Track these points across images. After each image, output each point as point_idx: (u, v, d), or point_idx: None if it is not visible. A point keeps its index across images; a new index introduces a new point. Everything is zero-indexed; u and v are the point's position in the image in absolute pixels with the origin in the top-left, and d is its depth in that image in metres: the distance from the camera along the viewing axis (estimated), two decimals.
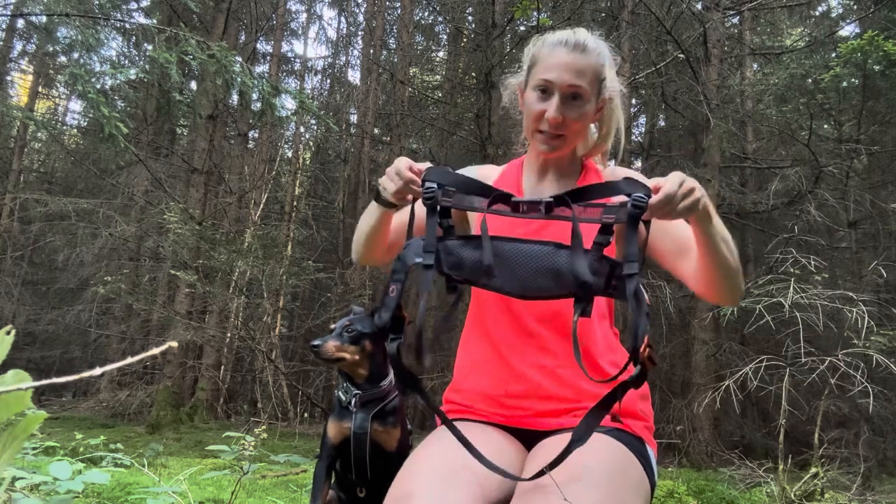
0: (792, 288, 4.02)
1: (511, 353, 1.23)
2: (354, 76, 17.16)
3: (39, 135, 15.57)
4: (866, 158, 8.91)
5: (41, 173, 16.82)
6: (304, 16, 16.59)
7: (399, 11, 12.91)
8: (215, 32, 9.57)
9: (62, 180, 16.08)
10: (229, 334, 9.60)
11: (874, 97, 7.69)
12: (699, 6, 8.77)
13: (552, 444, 1.09)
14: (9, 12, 8.70)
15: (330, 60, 16.77)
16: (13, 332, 0.58)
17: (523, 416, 1.21)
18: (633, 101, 10.67)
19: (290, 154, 15.00)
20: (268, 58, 14.57)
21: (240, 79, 5.94)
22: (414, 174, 1.11)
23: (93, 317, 11.15)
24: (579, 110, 1.24)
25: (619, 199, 1.04)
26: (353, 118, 14.83)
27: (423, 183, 1.10)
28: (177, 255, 8.91)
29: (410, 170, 1.12)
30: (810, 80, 8.03)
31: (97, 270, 10.96)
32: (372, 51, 13.37)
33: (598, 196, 1.12)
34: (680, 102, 9.91)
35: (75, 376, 0.54)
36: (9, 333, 0.58)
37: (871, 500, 4.06)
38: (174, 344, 0.57)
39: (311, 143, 15.70)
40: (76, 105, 17.76)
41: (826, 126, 9.78)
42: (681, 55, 8.13)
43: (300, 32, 16.61)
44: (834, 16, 11.63)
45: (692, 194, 1.01)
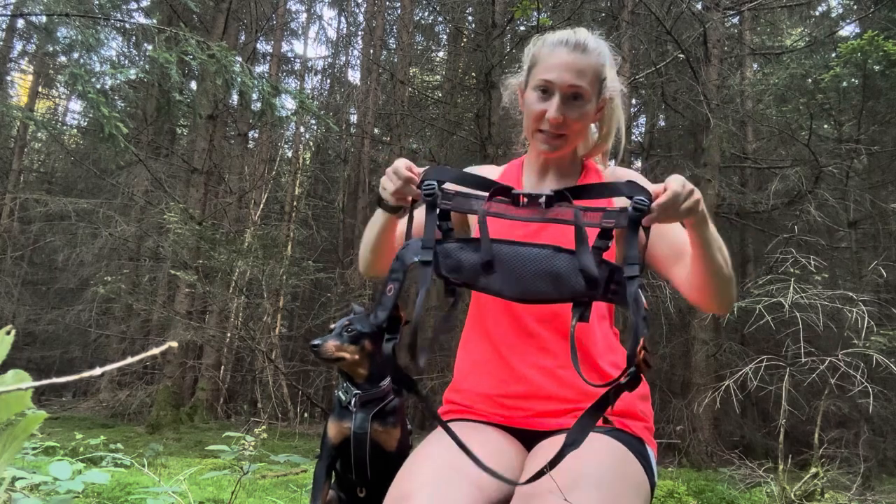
0: (792, 288, 4.02)
1: (511, 353, 1.23)
2: (354, 76, 17.19)
3: (39, 135, 15.57)
4: (866, 158, 8.90)
5: (41, 173, 16.82)
6: (304, 16, 16.62)
7: (399, 11, 12.91)
8: (215, 32, 9.57)
9: (62, 180, 16.08)
10: (229, 334, 9.60)
11: (874, 97, 7.68)
12: (699, 6, 8.77)
13: (552, 445, 1.09)
14: (9, 12, 8.70)
15: (330, 60, 16.79)
16: (13, 332, 0.58)
17: (523, 417, 1.21)
18: (633, 101, 10.66)
19: (290, 154, 15.00)
20: (268, 58, 14.57)
21: (240, 79, 5.94)
22: (413, 174, 1.11)
23: (93, 317, 11.15)
24: (580, 110, 1.24)
25: (620, 203, 1.04)
26: (353, 118, 14.83)
27: (422, 182, 1.10)
28: (177, 255, 8.91)
29: (409, 170, 1.12)
30: (810, 80, 8.03)
31: (97, 270, 10.96)
32: (372, 51, 13.37)
33: (598, 195, 1.12)
34: (680, 102, 9.91)
35: (75, 376, 0.54)
36: (9, 333, 0.58)
37: (871, 500, 4.05)
38: (174, 344, 0.57)
39: (311, 143, 15.70)
40: (76, 105, 17.79)
41: (826, 126, 9.77)
42: (681, 55, 8.13)
43: (300, 32, 16.62)
44: (834, 16, 11.63)
45: (693, 195, 1.03)
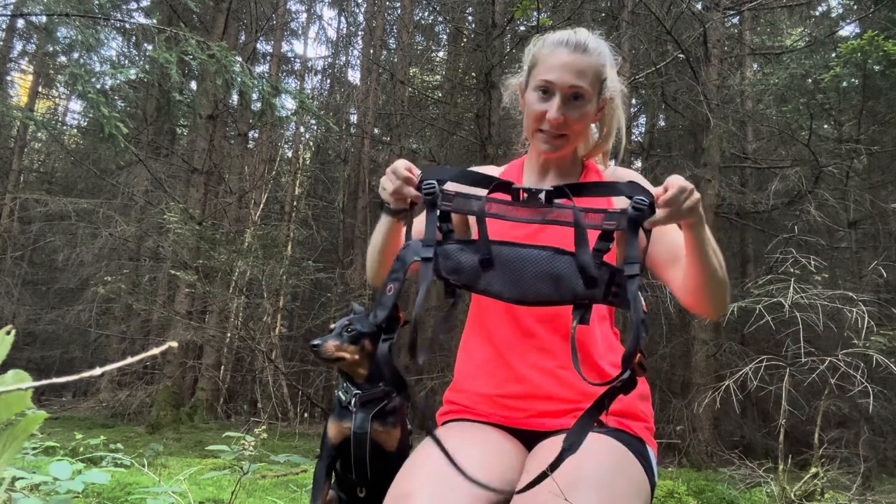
0: (792, 288, 4.02)
1: (511, 353, 1.23)
2: (354, 76, 17.19)
3: (39, 135, 15.57)
4: (866, 158, 8.90)
5: (41, 173, 16.82)
6: (304, 16, 16.62)
7: (399, 11, 12.92)
8: (215, 32, 9.57)
9: (62, 180, 16.07)
10: (229, 334, 9.59)
11: (874, 97, 7.68)
12: (699, 6, 8.77)
13: (552, 445, 1.09)
14: (9, 12, 8.70)
15: (330, 60, 16.79)
16: (13, 332, 0.58)
17: (523, 417, 1.21)
18: (633, 101, 10.66)
19: (290, 154, 15.00)
20: (268, 58, 14.57)
21: (240, 79, 5.94)
22: (411, 175, 1.11)
23: (93, 317, 11.15)
24: (580, 110, 1.24)
25: (620, 205, 1.04)
26: (353, 118, 14.83)
27: (422, 181, 1.09)
28: (177, 255, 8.91)
29: (409, 171, 1.12)
30: (810, 80, 8.02)
31: (97, 270, 10.96)
32: (372, 51, 13.37)
33: (598, 193, 1.12)
34: (680, 102, 9.91)
35: (75, 376, 0.54)
36: (9, 333, 0.58)
37: (871, 500, 4.05)
38: (174, 344, 0.57)
39: (311, 143, 15.69)
40: (76, 105, 17.79)
41: (826, 126, 9.77)
42: (681, 55, 8.13)
43: (300, 32, 16.62)
44: (834, 16, 11.63)
45: (693, 194, 1.04)
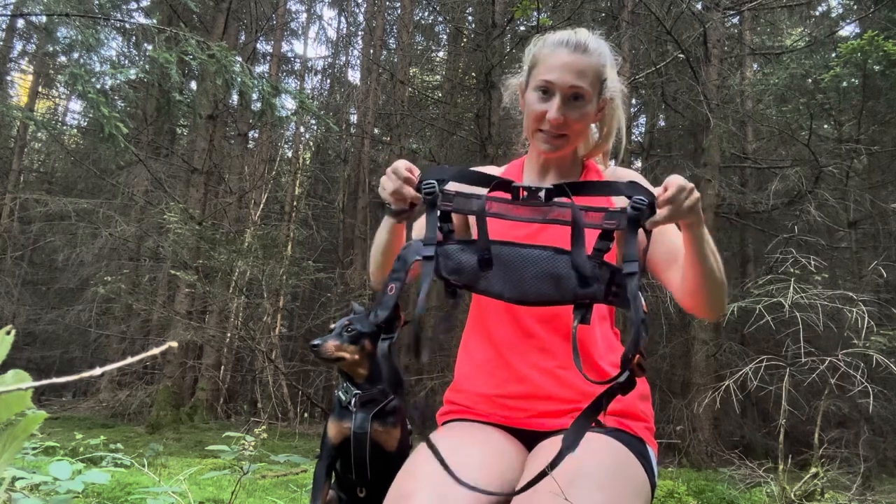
0: (792, 288, 4.02)
1: (511, 353, 1.23)
2: (354, 76, 17.19)
3: (39, 135, 15.57)
4: (866, 158, 8.90)
5: (41, 173, 16.82)
6: (304, 16, 16.62)
7: (399, 11, 12.92)
8: (215, 32, 9.57)
9: (62, 180, 16.07)
10: (229, 334, 9.59)
11: (874, 97, 7.68)
12: (699, 6, 8.77)
13: (552, 445, 1.09)
14: (9, 12, 8.70)
15: (330, 60, 16.79)
16: (13, 332, 0.58)
17: (523, 417, 1.21)
18: (633, 101, 10.66)
19: (290, 154, 15.00)
20: (268, 58, 14.57)
21: (240, 79, 5.94)
22: (411, 175, 1.11)
23: (93, 317, 11.14)
24: (580, 111, 1.24)
25: (621, 204, 1.04)
26: (353, 118, 14.84)
27: (422, 181, 1.09)
28: (177, 255, 8.91)
29: (409, 171, 1.11)
30: (810, 80, 8.02)
31: (97, 270, 10.96)
32: (372, 51, 13.38)
33: (598, 192, 1.12)
34: (680, 102, 9.91)
35: (75, 376, 0.54)
36: (9, 333, 0.58)
37: (871, 500, 4.05)
38: (174, 344, 0.57)
39: (311, 143, 15.70)
40: (76, 105, 17.79)
41: (826, 126, 9.77)
42: (681, 55, 8.13)
43: (300, 32, 16.62)
44: (834, 16, 11.63)
45: (693, 193, 1.04)
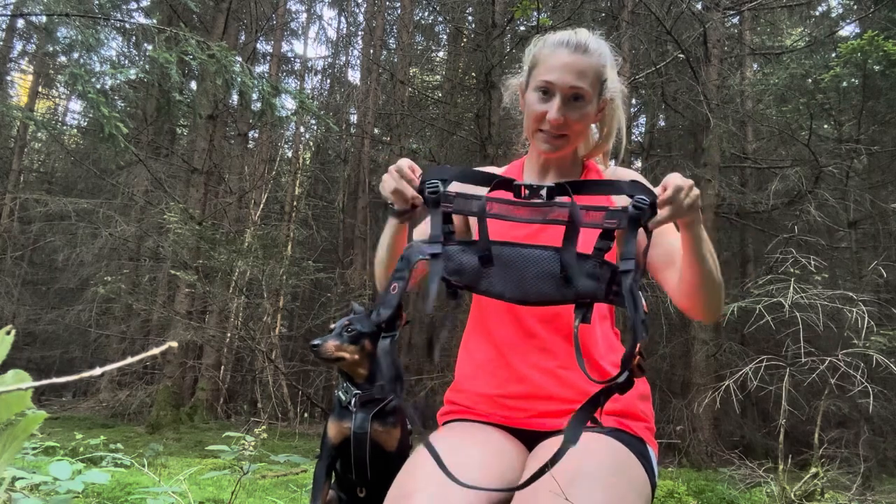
0: (792, 288, 4.02)
1: (512, 353, 1.23)
2: (354, 76, 17.19)
3: (39, 135, 15.57)
4: (866, 158, 8.90)
5: (41, 173, 16.82)
6: (304, 16, 16.62)
7: (399, 11, 12.92)
8: (215, 32, 9.57)
9: (62, 180, 16.07)
10: (229, 334, 9.59)
11: (874, 97, 7.68)
12: (699, 6, 8.77)
13: (552, 445, 1.08)
14: (9, 12, 8.70)
15: (330, 60, 16.79)
16: (13, 332, 0.58)
17: (524, 417, 1.20)
18: (633, 101, 10.66)
19: (290, 154, 15.00)
20: (268, 58, 14.57)
21: (240, 79, 5.94)
22: (412, 175, 1.11)
23: (93, 317, 11.14)
24: (581, 111, 1.24)
25: (621, 204, 1.03)
26: (353, 118, 14.83)
27: (424, 181, 1.09)
28: (177, 255, 8.91)
29: (411, 170, 1.11)
30: (810, 80, 8.02)
31: (97, 270, 10.96)
32: (372, 51, 13.38)
33: (599, 191, 1.12)
34: (680, 102, 9.91)
35: (75, 376, 0.54)
36: (9, 333, 0.58)
37: (871, 500, 4.05)
38: (174, 344, 0.57)
39: (311, 143, 15.70)
40: (76, 105, 17.79)
41: (826, 126, 9.77)
42: (681, 55, 8.13)
43: (300, 32, 16.62)
44: (834, 16, 11.63)
45: (693, 190, 1.04)
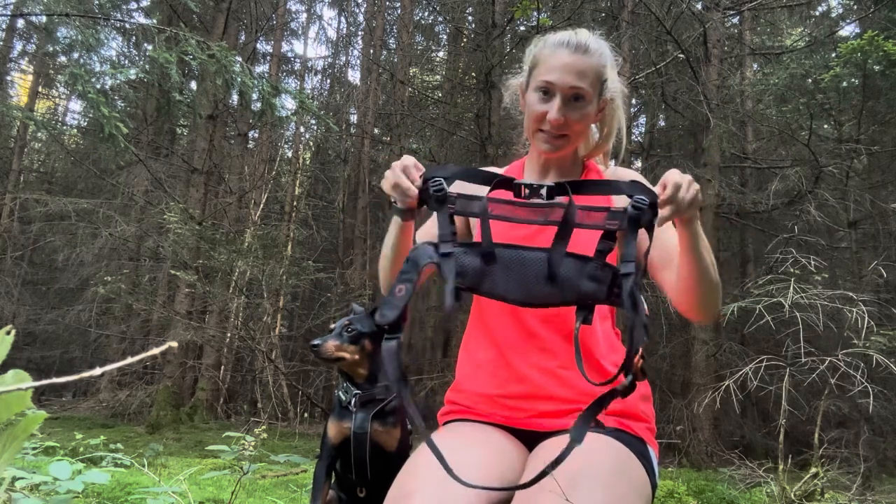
0: (792, 288, 4.01)
1: (513, 353, 1.23)
2: (354, 76, 17.20)
3: (39, 135, 15.57)
4: (866, 158, 8.90)
5: (41, 173, 16.82)
6: (304, 16, 16.62)
7: (399, 11, 12.92)
8: (215, 32, 9.56)
9: (62, 180, 16.07)
10: (229, 334, 9.59)
11: (874, 97, 7.68)
12: (699, 6, 8.77)
13: (553, 446, 1.09)
14: (9, 12, 8.70)
15: (330, 60, 16.79)
16: (13, 332, 0.58)
17: (524, 417, 1.20)
18: (633, 101, 10.66)
19: (290, 154, 15.00)
20: (268, 58, 14.57)
21: (240, 79, 5.94)
22: (414, 174, 1.10)
23: (93, 317, 11.14)
24: (581, 111, 1.24)
25: (622, 204, 1.03)
26: (353, 118, 14.84)
27: (427, 179, 1.09)
28: (177, 255, 8.91)
29: (416, 167, 1.11)
30: (810, 80, 8.02)
31: (97, 270, 10.96)
32: (372, 51, 13.38)
33: (599, 191, 1.11)
34: (680, 102, 9.91)
35: (75, 376, 0.54)
36: (9, 333, 0.58)
37: (871, 500, 4.05)
38: (174, 344, 0.57)
39: (311, 143, 15.70)
40: (76, 105, 17.79)
41: (826, 126, 9.77)
42: (681, 55, 8.13)
43: (300, 32, 16.62)
44: (834, 16, 11.63)
45: (693, 185, 1.03)
